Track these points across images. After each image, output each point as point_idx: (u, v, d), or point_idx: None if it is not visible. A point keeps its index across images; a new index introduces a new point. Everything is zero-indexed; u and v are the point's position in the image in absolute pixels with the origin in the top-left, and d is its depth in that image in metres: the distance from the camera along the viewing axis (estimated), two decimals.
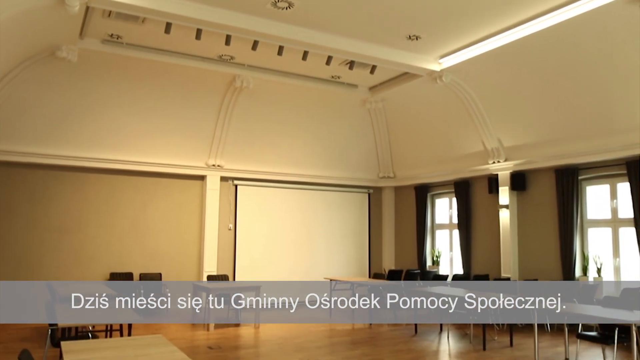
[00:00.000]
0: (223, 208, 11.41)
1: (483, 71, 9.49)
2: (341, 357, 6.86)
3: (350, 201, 13.20)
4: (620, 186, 8.87)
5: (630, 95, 7.96)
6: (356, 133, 12.71)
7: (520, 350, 7.36)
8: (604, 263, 8.91)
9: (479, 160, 10.90)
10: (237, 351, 7.26)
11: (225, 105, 10.65)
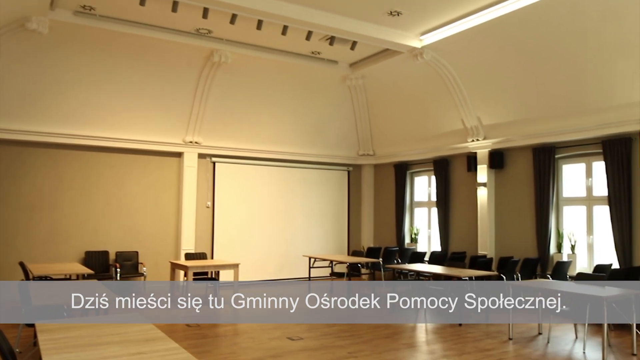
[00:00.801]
0: (201, 185, 11.29)
1: (463, 49, 9.44)
2: (320, 334, 6.89)
3: (330, 179, 13.17)
4: (595, 165, 8.97)
5: (605, 75, 8.00)
6: (336, 110, 12.61)
7: (496, 326, 7.48)
8: (578, 240, 9.05)
9: (458, 139, 10.91)
10: (215, 328, 7.24)
11: (202, 80, 10.45)
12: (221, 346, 6.23)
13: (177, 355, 2.99)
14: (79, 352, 2.99)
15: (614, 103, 8.09)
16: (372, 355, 5.83)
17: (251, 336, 6.77)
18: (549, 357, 5.86)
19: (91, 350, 3.04)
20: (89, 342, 3.24)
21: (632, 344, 6.15)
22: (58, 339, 3.24)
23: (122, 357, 2.91)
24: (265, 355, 5.83)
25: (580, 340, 6.65)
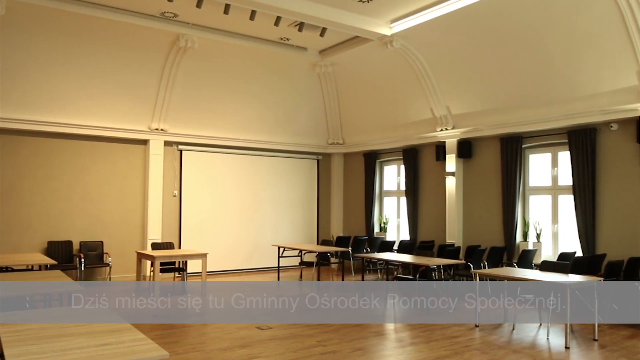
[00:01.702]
0: (167, 174, 11.06)
1: (433, 38, 9.46)
2: (289, 323, 6.84)
3: (299, 167, 13.10)
4: (561, 155, 9.14)
5: (571, 66, 8.13)
6: (305, 98, 12.52)
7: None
8: (543, 229, 9.23)
9: (427, 128, 10.97)
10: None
11: (168, 66, 10.20)
12: (189, 336, 6.13)
13: (144, 345, 2.90)
14: (43, 344, 2.88)
15: (580, 94, 8.24)
16: (341, 344, 5.83)
17: (219, 326, 6.68)
18: (514, 343, 5.96)
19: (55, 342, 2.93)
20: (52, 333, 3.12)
21: (594, 329, 6.31)
22: (20, 331, 3.12)
23: (87, 349, 2.81)
24: (233, 344, 5.76)
25: (545, 326, 6.79)
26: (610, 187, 8.21)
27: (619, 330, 6.60)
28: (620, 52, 7.46)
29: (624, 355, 5.49)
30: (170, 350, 5.39)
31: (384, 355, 5.52)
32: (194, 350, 5.51)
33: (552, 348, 5.82)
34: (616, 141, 8.16)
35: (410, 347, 5.80)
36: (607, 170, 8.25)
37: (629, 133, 7.96)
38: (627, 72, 7.57)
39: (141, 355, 2.75)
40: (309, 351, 5.53)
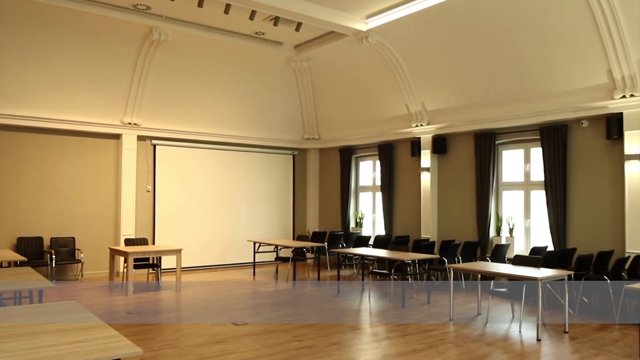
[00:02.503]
0: (141, 169, 10.90)
1: (408, 34, 9.50)
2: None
3: (274, 163, 13.05)
4: (533, 151, 9.29)
5: (544, 64, 8.26)
6: (281, 93, 12.48)
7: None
8: (516, 224, 9.38)
9: (402, 124, 11.04)
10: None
11: (141, 59, 10.04)
12: (164, 333, 6.06)
13: (117, 342, 2.85)
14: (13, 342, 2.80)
15: (552, 91, 8.39)
16: (317, 339, 5.83)
17: (195, 322, 6.62)
18: (487, 337, 6.05)
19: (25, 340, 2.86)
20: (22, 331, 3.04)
21: (564, 321, 6.44)
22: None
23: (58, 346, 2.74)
24: (209, 340, 5.72)
25: (517, 319, 6.90)
26: (580, 183, 8.38)
27: (589, 323, 6.75)
28: (591, 50, 7.61)
29: (593, 347, 5.62)
30: (144, 347, 5.34)
31: (359, 349, 5.54)
32: (168, 347, 5.45)
33: (524, 340, 5.92)
34: (587, 138, 8.33)
35: (386, 341, 5.83)
36: (577, 166, 8.42)
37: (599, 130, 8.13)
38: (597, 70, 7.72)
39: (114, 352, 2.69)
40: (285, 346, 5.52)
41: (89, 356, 2.61)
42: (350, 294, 8.79)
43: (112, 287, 9.10)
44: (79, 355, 2.60)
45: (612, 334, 6.17)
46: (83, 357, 2.59)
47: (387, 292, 8.87)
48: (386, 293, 8.83)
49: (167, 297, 8.36)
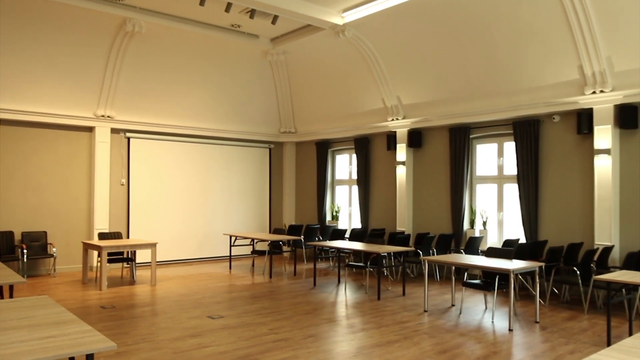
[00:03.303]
0: (115, 162, 10.75)
1: (384, 28, 9.54)
2: (240, 312, 6.82)
3: (251, 156, 13.00)
4: (506, 145, 9.43)
5: (517, 59, 8.38)
6: (257, 86, 12.42)
7: (412, 299, 7.74)
8: (489, 217, 9.53)
9: (378, 117, 11.10)
10: (132, 309, 6.98)
11: (115, 50, 9.88)
12: (139, 327, 6.01)
13: (90, 337, 2.82)
14: None
15: (525, 86, 8.52)
16: (293, 331, 5.86)
17: (170, 316, 6.59)
18: (460, 327, 6.15)
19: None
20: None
21: (535, 312, 6.59)
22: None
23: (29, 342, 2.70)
24: (184, 334, 5.69)
25: (490, 310, 7.03)
26: (552, 176, 8.55)
27: (558, 313, 6.91)
28: (563, 47, 7.74)
29: (563, 336, 5.76)
30: (119, 342, 5.30)
31: (335, 341, 5.58)
32: (143, 341, 5.42)
33: (497, 331, 6.04)
34: (558, 132, 8.50)
35: (361, 332, 5.89)
36: (549, 160, 8.58)
37: (570, 125, 8.30)
38: (568, 67, 7.87)
39: (87, 347, 2.67)
40: (261, 339, 5.53)
41: (61, 351, 2.58)
42: (327, 286, 8.83)
43: (85, 281, 8.98)
44: (51, 351, 2.57)
45: (581, 324, 6.34)
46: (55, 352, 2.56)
47: (363, 285, 8.94)
48: (362, 285, 8.90)
49: (142, 291, 8.29)
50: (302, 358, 4.91)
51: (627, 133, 7.64)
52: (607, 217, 7.59)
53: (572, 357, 4.99)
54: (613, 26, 7.19)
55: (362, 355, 5.03)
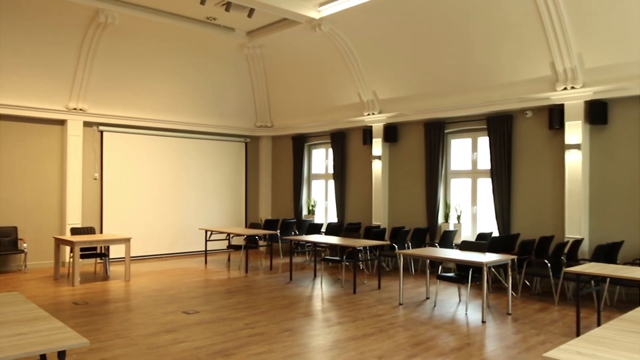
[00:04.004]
0: (87, 156, 10.56)
1: (361, 23, 9.55)
2: (216, 307, 6.79)
3: (227, 150, 12.91)
4: (480, 140, 9.55)
5: (490, 55, 8.48)
6: (233, 79, 12.33)
7: (387, 292, 7.81)
8: (463, 211, 9.66)
9: (354, 112, 11.12)
10: (106, 305, 6.89)
11: (87, 42, 9.69)
12: (112, 323, 5.94)
13: (62, 334, 2.78)
14: None
15: (498, 82, 8.63)
16: (269, 326, 5.86)
17: (144, 311, 6.52)
18: (435, 320, 6.23)
19: None
20: None
21: (507, 304, 6.71)
22: None
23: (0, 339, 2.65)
24: (159, 330, 5.65)
25: (463, 302, 7.14)
26: (524, 171, 8.69)
27: (530, 304, 7.05)
28: (535, 43, 7.86)
29: (534, 327, 5.88)
30: (91, 338, 5.23)
31: (311, 335, 5.61)
32: (117, 337, 5.36)
33: (470, 323, 6.14)
34: (530, 128, 8.64)
35: (337, 326, 5.92)
36: (521, 155, 8.73)
37: (542, 120, 8.44)
38: (541, 63, 8.00)
39: (59, 344, 2.63)
40: (237, 334, 5.52)
41: (32, 349, 2.54)
42: (303, 280, 8.85)
43: (57, 277, 8.82)
44: (22, 348, 2.53)
45: (552, 315, 6.48)
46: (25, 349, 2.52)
47: (339, 279, 8.98)
48: (338, 279, 8.94)
49: (116, 287, 8.19)
50: (278, 352, 4.92)
51: (596, 129, 7.81)
52: (577, 210, 7.76)
53: (543, 347, 5.10)
54: (584, 24, 7.33)
55: (338, 349, 5.06)
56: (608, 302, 7.11)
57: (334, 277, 9.17)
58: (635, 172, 7.44)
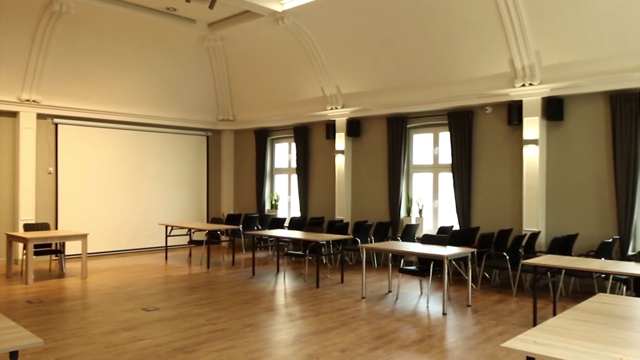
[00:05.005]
0: (41, 149, 10.20)
1: (324, 16, 9.52)
2: (177, 303, 6.68)
3: (187, 144, 12.70)
4: (441, 135, 9.68)
5: (452, 51, 8.60)
6: (193, 72, 12.11)
7: (350, 286, 7.84)
8: (425, 205, 9.78)
9: (318, 106, 11.10)
10: (61, 304, 6.67)
11: (41, 31, 9.33)
12: (68, 322, 5.76)
13: (14, 334, 2.67)
14: None
15: (459, 78, 8.76)
16: (231, 321, 5.80)
17: (102, 309, 6.35)
18: (397, 313, 6.29)
19: None
20: None
21: (467, 296, 6.83)
22: None
23: None
24: (117, 328, 5.51)
25: (425, 295, 7.24)
26: (484, 166, 8.86)
27: (489, 296, 7.20)
28: (495, 40, 8.01)
29: (493, 318, 6.01)
30: (46, 338, 5.06)
31: (274, 330, 5.57)
32: (73, 336, 5.20)
33: (431, 315, 6.22)
34: (490, 123, 8.80)
35: (300, 320, 5.91)
36: (481, 150, 8.89)
37: (501, 116, 8.61)
38: (500, 60, 8.15)
39: (11, 344, 2.52)
40: (198, 330, 5.44)
41: None
42: (265, 275, 8.80)
43: (10, 275, 8.50)
44: None
45: (510, 306, 6.63)
46: None
47: (302, 273, 8.97)
48: (301, 274, 8.93)
49: (72, 285, 7.95)
50: (240, 348, 4.86)
51: (553, 124, 8.02)
52: (535, 204, 7.96)
53: (501, 337, 5.21)
54: (541, 22, 7.50)
55: (300, 343, 5.04)
56: (563, 292, 7.33)
57: (297, 272, 9.16)
58: (589, 167, 7.68)
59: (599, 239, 7.38)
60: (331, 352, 4.75)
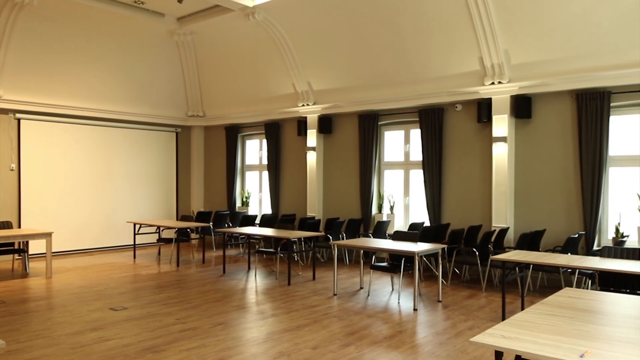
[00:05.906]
0: (3, 145, 9.88)
1: (295, 12, 9.47)
2: (145, 302, 6.55)
3: (156, 140, 12.48)
4: (413, 132, 9.74)
5: (423, 49, 8.65)
6: (162, 67, 11.91)
7: (322, 283, 7.83)
8: (396, 201, 9.83)
9: (289, 103, 11.04)
10: (25, 304, 6.48)
11: (2, 24, 9.03)
12: (32, 322, 5.59)
13: None
14: None
15: (430, 75, 8.82)
16: (202, 320, 5.72)
17: (68, 309, 6.19)
18: (368, 309, 6.30)
19: None
20: None
21: (438, 291, 6.89)
22: None
23: None
24: (84, 328, 5.37)
25: (396, 291, 7.27)
26: (454, 163, 8.95)
27: (459, 292, 7.28)
28: (465, 38, 8.08)
29: (463, 314, 6.07)
30: (9, 339, 4.90)
31: (245, 327, 5.52)
32: (38, 338, 5.04)
33: (402, 311, 6.25)
34: (460, 120, 8.90)
35: (271, 318, 5.86)
36: (452, 147, 8.97)
37: (471, 113, 8.71)
38: (470, 58, 8.23)
39: None
40: (168, 329, 5.34)
41: None
42: (236, 273, 8.72)
43: None
44: None
45: (479, 301, 6.72)
46: None
47: (274, 270, 8.92)
48: (272, 271, 8.88)
49: (36, 285, 7.73)
50: (210, 347, 4.80)
51: (521, 122, 8.15)
52: (503, 200, 8.08)
53: (471, 332, 5.27)
54: (510, 21, 7.60)
55: (272, 341, 5.00)
56: (531, 287, 7.47)
57: (268, 269, 9.10)
58: (556, 164, 7.83)
59: (565, 235, 7.54)
60: (303, 350, 4.73)
